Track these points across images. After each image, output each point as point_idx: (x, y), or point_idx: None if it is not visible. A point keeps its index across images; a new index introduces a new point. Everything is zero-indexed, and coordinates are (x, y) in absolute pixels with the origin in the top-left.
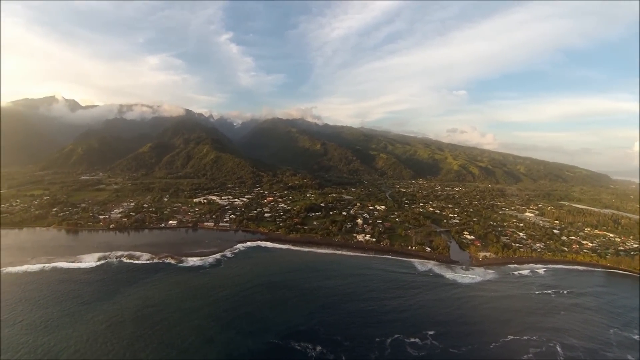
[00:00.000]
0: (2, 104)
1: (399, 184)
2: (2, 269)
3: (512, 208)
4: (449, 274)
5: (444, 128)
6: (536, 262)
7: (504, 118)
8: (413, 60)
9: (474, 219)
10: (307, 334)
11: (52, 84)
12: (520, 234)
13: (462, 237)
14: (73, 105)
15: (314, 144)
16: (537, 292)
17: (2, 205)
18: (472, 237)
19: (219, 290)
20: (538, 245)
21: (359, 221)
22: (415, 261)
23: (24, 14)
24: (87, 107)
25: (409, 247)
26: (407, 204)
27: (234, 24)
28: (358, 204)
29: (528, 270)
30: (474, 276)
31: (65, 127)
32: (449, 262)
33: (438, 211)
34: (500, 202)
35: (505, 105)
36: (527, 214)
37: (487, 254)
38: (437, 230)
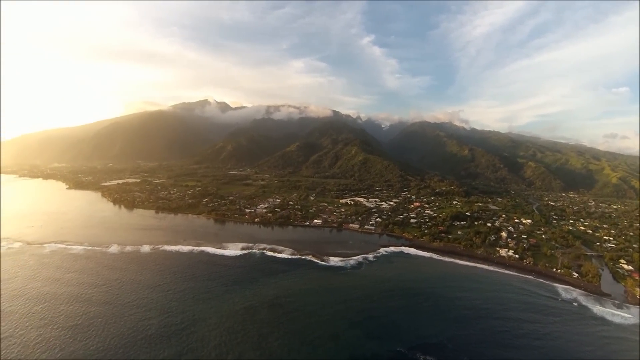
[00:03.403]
0: (164, 108)
1: (547, 196)
2: (159, 246)
3: None
4: (597, 308)
5: (600, 133)
6: None
7: None
8: (564, 55)
9: (634, 246)
10: (434, 347)
11: (205, 89)
12: None
13: (617, 265)
14: (223, 107)
15: (462, 150)
16: None
17: (162, 193)
18: (631, 267)
19: (355, 291)
20: None
21: (503, 234)
22: (559, 286)
23: (180, 34)
24: (236, 108)
25: (554, 269)
26: (555, 219)
27: (374, 27)
28: (503, 216)
29: None
30: (628, 315)
31: (216, 126)
32: (598, 294)
33: (590, 231)
34: None
35: None
36: None
37: None
38: (588, 253)
